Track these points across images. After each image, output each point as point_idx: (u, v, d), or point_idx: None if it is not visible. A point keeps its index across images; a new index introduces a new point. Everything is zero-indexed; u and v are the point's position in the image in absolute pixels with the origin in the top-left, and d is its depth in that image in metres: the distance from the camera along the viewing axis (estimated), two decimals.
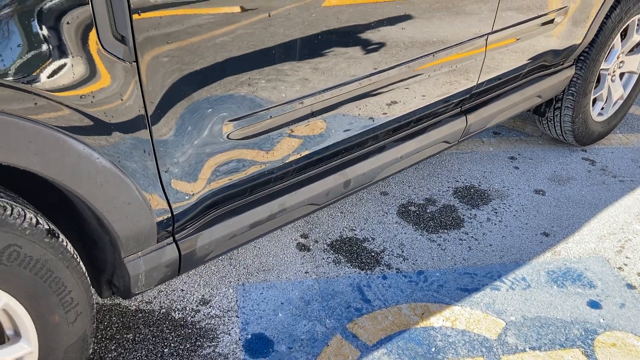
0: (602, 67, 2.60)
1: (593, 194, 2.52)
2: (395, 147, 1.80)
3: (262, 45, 1.24)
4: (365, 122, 1.66)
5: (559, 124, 2.68)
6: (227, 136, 1.30)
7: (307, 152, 1.53)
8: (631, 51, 2.79)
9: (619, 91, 2.82)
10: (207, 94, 1.21)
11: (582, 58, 2.46)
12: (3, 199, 1.02)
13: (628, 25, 2.62)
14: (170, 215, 1.27)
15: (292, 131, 1.45)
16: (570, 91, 2.53)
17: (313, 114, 1.46)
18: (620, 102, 2.89)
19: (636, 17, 2.59)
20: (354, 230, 2.22)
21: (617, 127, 3.03)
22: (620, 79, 2.87)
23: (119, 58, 1.05)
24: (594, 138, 2.83)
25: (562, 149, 2.84)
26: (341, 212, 2.31)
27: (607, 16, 2.40)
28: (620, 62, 2.74)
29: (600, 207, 2.44)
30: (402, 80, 1.68)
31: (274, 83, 1.32)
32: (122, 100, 1.08)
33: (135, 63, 1.07)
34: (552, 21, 2.08)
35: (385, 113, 1.71)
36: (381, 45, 1.53)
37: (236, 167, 1.36)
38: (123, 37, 1.04)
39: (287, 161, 1.48)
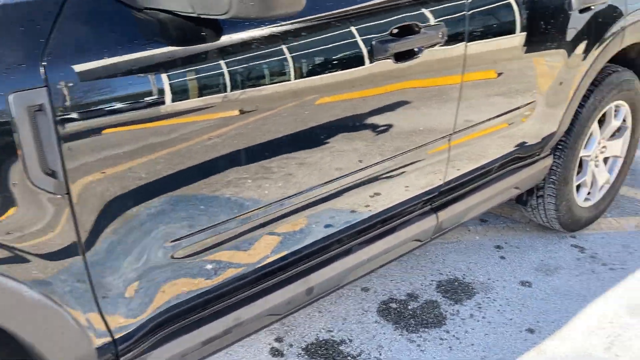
0: (582, 154, 2.59)
1: (582, 284, 2.44)
2: (362, 249, 1.77)
3: (199, 163, 1.26)
4: (328, 228, 1.64)
5: (543, 212, 2.64)
6: (171, 256, 1.29)
7: (263, 263, 1.51)
8: (613, 136, 2.79)
9: (604, 176, 2.80)
10: (145, 215, 1.21)
11: (559, 147, 2.45)
12: None
13: (606, 112, 2.63)
14: (111, 339, 1.24)
15: (243, 244, 1.43)
16: (551, 180, 2.51)
17: (265, 225, 1.45)
18: (607, 186, 2.86)
19: (612, 104, 2.60)
20: (331, 331, 2.16)
21: (606, 210, 2.98)
22: (605, 163, 2.86)
23: (49, 192, 1.06)
24: (582, 224, 2.78)
25: (551, 235, 2.79)
26: (319, 312, 2.25)
27: (581, 105, 2.42)
28: (603, 147, 2.74)
29: (589, 299, 2.36)
30: (366, 183, 1.68)
31: (216, 200, 1.33)
32: (53, 232, 1.08)
33: (67, 195, 1.08)
34: (520, 116, 2.09)
35: (349, 217, 1.69)
36: (342, 151, 1.54)
37: (183, 285, 1.34)
38: (54, 172, 1.05)
39: (239, 274, 1.46)
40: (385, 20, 1.51)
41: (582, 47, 2.19)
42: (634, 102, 2.71)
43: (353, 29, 1.45)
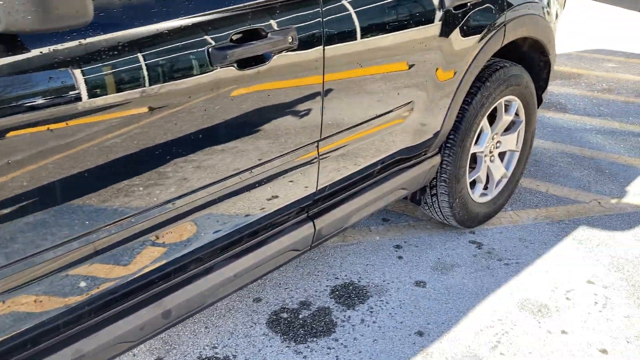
0: (473, 150, 2.58)
1: (475, 282, 2.44)
2: (227, 266, 1.69)
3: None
4: (185, 246, 1.55)
5: (438, 210, 2.63)
6: None
7: (106, 287, 1.41)
8: (507, 130, 2.80)
9: (500, 171, 2.81)
10: None
11: (448, 145, 2.44)
12: None
13: (497, 107, 2.63)
14: None
15: (82, 268, 1.33)
16: (443, 178, 2.49)
17: (97, 253, 1.35)
18: (505, 180, 2.88)
19: (502, 100, 2.61)
20: (215, 347, 2.07)
21: (506, 204, 3.01)
22: (502, 158, 2.87)
23: None
24: (480, 219, 2.79)
25: (450, 232, 2.79)
26: (205, 327, 2.17)
27: (468, 103, 2.40)
28: (497, 142, 2.74)
29: (481, 297, 2.36)
30: (228, 197, 1.60)
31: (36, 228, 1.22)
32: None
33: None
34: (397, 117, 2.05)
35: (212, 234, 1.61)
36: (196, 165, 1.46)
37: (6, 322, 1.23)
38: None
39: (77, 304, 1.35)
40: (224, 27, 1.42)
41: (460, 44, 2.17)
42: (525, 97, 2.72)
43: (188, 38, 1.36)
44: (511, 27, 2.41)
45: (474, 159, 2.68)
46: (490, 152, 2.72)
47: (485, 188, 2.81)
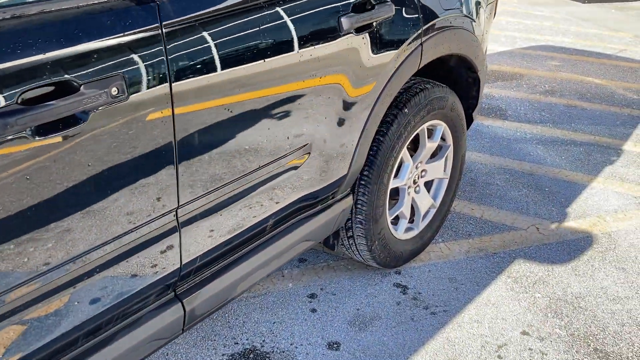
0: (394, 185, 2.26)
1: (397, 339, 2.12)
2: None
3: None
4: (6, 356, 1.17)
5: (357, 253, 2.30)
6: None
7: None
8: (433, 157, 2.49)
9: (427, 201, 2.50)
10: None
11: (362, 183, 2.10)
12: None
13: (419, 134, 2.31)
14: None
15: None
16: (358, 219, 2.16)
17: None
18: (433, 210, 2.57)
19: (424, 126, 2.29)
20: None
21: (437, 235, 2.71)
22: (430, 186, 2.56)
23: None
24: (406, 257, 2.48)
25: (373, 273, 2.46)
26: None
27: (383, 134, 2.07)
28: (422, 171, 2.43)
29: (401, 359, 2.04)
30: (68, 286, 1.23)
31: None
32: None
33: None
34: (288, 165, 1.70)
35: (37, 337, 1.23)
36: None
37: None
38: None
39: None
40: (11, 85, 1.04)
41: (366, 72, 1.83)
42: (451, 119, 2.41)
43: None
44: (430, 45, 2.09)
45: (398, 191, 2.36)
46: (415, 182, 2.41)
47: (412, 222, 2.50)
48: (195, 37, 1.32)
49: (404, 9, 1.92)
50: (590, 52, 5.66)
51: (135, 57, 1.20)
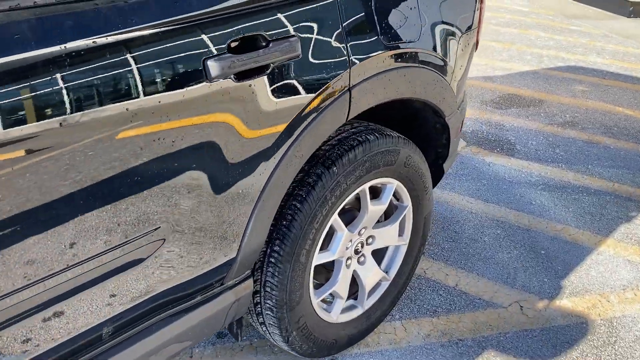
0: (320, 261, 1.79)
1: None
2: None
3: None
4: None
5: (274, 341, 1.85)
6: None
7: None
8: (380, 221, 2.02)
9: (375, 274, 2.02)
10: None
11: (272, 261, 1.65)
12: None
13: (359, 196, 1.84)
14: None
15: None
16: (267, 306, 1.71)
17: None
18: (386, 283, 2.09)
19: (365, 187, 1.81)
20: None
21: (394, 309, 2.22)
22: (383, 256, 2.09)
23: None
24: (343, 344, 2.00)
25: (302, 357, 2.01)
26: None
27: (301, 199, 1.61)
28: (369, 237, 1.96)
29: None
30: None
31: None
32: None
33: None
34: (127, 257, 1.26)
35: None
36: None
37: None
38: None
39: None
40: None
41: (258, 126, 1.37)
42: (407, 176, 1.93)
43: None
44: (364, 90, 1.61)
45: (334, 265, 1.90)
46: (358, 252, 1.93)
47: (355, 298, 2.03)
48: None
49: (320, 46, 1.45)
50: (626, 77, 5.01)
51: None
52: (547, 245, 2.67)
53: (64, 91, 1.04)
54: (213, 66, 1.23)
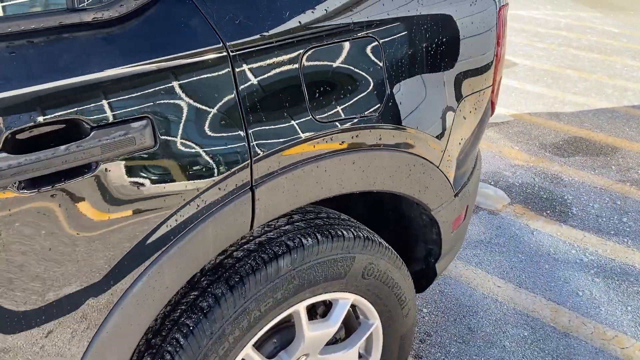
0: None
1: None
2: None
3: None
4: None
5: None
6: None
7: None
8: (334, 343, 1.49)
9: None
10: None
11: None
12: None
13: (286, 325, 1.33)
14: None
15: None
16: None
17: None
18: None
19: (298, 307, 1.30)
20: None
21: None
22: None
23: None
24: None
25: None
26: None
27: (187, 334, 1.13)
28: None
29: None
30: None
31: None
32: None
33: None
34: None
35: None
36: None
37: None
38: None
39: None
40: None
41: (75, 251, 0.91)
42: (370, 289, 1.40)
43: None
44: (279, 188, 1.10)
45: None
46: None
47: None
48: None
49: (195, 130, 0.96)
50: None
51: None
52: None
53: None
54: None
